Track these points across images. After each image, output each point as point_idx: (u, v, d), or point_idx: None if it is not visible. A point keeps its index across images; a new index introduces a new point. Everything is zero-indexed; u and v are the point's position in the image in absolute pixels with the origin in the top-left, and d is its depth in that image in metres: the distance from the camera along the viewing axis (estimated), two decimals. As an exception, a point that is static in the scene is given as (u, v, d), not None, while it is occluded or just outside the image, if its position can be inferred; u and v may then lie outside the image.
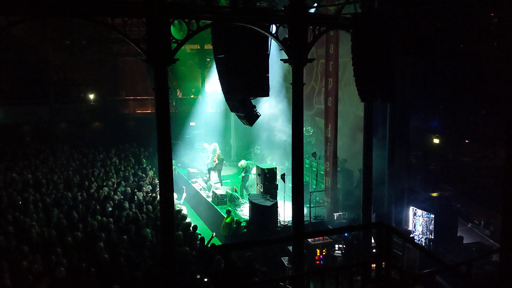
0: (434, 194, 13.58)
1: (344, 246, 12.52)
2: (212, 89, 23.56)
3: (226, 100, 11.47)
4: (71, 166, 18.63)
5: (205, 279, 9.71)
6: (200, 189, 18.29)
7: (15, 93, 24.68)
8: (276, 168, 16.52)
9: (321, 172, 16.21)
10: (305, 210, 12.66)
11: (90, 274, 9.17)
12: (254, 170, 17.23)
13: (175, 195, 12.56)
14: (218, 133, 23.23)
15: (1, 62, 23.49)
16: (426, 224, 13.05)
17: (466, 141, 15.90)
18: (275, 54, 10.88)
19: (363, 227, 12.21)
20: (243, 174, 17.44)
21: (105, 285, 9.01)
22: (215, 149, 20.15)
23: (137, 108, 27.22)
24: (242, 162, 17.72)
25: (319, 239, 12.31)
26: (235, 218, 14.45)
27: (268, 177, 15.76)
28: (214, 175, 18.98)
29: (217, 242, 12.87)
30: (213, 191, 17.04)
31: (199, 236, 11.97)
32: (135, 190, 15.77)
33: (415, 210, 13.47)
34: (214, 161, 18.93)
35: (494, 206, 13.41)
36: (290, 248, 11.83)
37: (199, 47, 24.81)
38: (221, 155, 19.28)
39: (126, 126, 25.64)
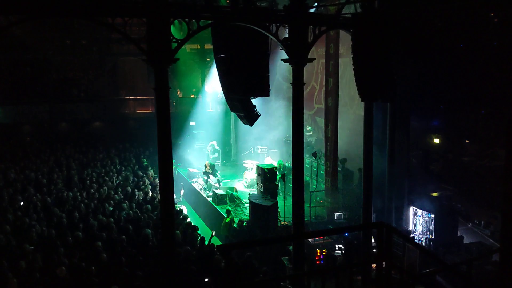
0: (435, 194, 13.59)
1: (345, 246, 12.52)
2: (212, 89, 23.57)
3: (226, 100, 11.47)
4: (71, 166, 18.62)
5: (205, 279, 9.71)
6: (200, 189, 18.28)
7: (15, 93, 24.66)
8: (276, 167, 16.52)
9: (322, 172, 16.21)
10: (305, 210, 12.66)
11: (90, 273, 9.18)
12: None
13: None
14: (218, 133, 23.24)
15: (1, 62, 23.46)
16: (427, 224, 13.04)
17: (466, 141, 15.87)
18: (276, 54, 10.87)
19: (363, 227, 12.20)
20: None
21: (105, 285, 9.02)
22: (213, 145, 20.31)
23: (137, 107, 27.19)
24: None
25: (320, 239, 12.31)
26: (235, 218, 14.45)
27: (268, 176, 15.75)
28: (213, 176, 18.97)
29: (217, 241, 12.88)
30: (213, 191, 17.03)
31: (199, 236, 11.98)
32: (135, 190, 15.76)
33: (415, 210, 13.47)
34: (205, 170, 18.84)
35: (494, 206, 13.39)
36: (290, 248, 11.82)
37: (199, 47, 24.80)
38: (210, 162, 19.19)
39: (126, 126, 25.61)
